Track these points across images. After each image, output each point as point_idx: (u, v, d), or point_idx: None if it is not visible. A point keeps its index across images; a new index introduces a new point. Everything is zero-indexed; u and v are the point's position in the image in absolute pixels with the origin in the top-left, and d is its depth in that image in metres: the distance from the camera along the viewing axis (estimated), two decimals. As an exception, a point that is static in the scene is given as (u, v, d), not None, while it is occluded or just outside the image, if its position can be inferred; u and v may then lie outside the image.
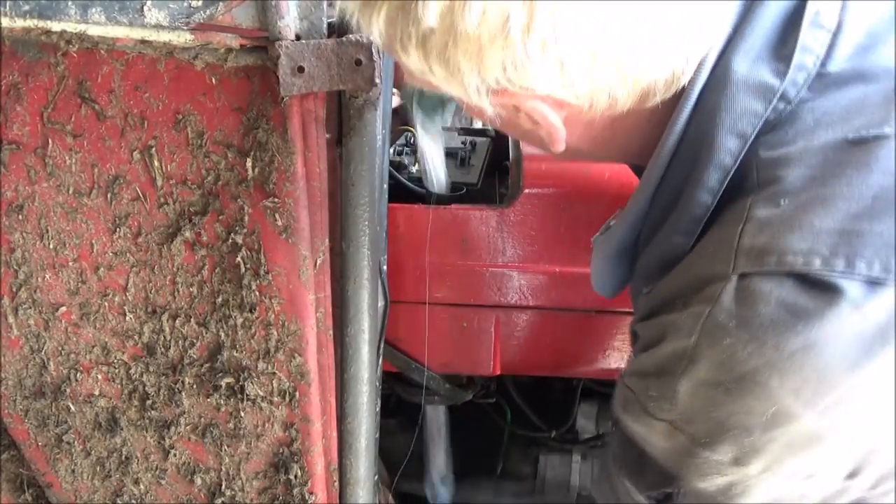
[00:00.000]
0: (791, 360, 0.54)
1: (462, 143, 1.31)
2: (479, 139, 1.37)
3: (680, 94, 0.62)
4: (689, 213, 0.63)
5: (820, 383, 0.53)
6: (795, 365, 0.54)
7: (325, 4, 0.76)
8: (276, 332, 0.89)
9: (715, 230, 0.62)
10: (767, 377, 0.54)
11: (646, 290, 0.72)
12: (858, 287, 0.52)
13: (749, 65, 0.59)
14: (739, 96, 0.59)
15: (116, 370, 0.96)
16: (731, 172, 0.61)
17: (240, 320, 0.89)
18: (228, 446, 0.98)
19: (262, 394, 0.93)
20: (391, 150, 1.30)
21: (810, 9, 0.59)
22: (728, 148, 0.60)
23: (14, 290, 0.93)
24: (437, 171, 1.16)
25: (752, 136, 0.60)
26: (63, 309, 0.93)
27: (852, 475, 0.57)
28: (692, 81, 0.61)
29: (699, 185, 0.62)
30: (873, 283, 0.52)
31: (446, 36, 0.55)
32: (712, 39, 0.60)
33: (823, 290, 0.53)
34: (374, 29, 0.58)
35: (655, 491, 0.68)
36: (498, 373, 1.18)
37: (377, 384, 1.03)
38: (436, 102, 1.13)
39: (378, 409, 1.04)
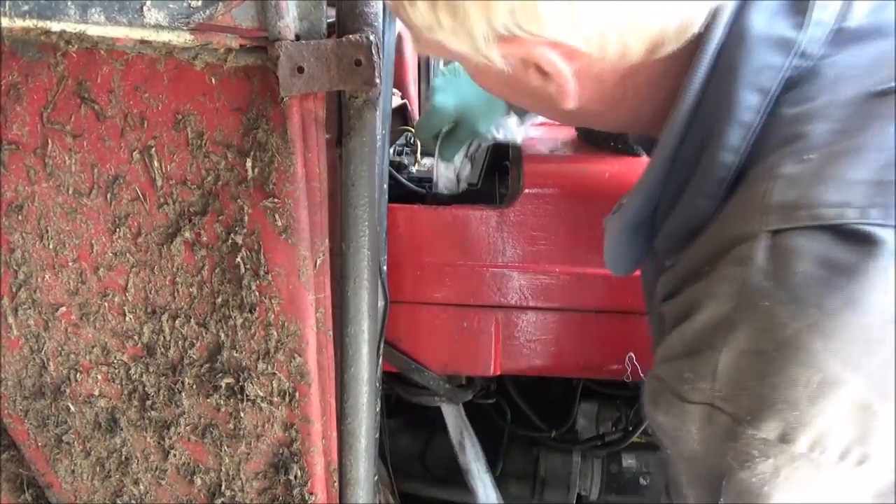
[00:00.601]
0: (833, 318, 0.51)
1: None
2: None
3: (693, 52, 0.60)
4: (712, 175, 0.61)
5: (866, 343, 0.51)
6: (839, 324, 0.51)
7: (324, 4, 0.76)
8: (275, 333, 0.89)
9: (740, 191, 0.60)
10: (810, 340, 0.51)
11: (669, 262, 0.69)
12: None
13: (766, 20, 0.58)
14: (758, 51, 0.58)
15: (116, 370, 0.96)
16: (754, 130, 0.59)
17: (240, 321, 0.89)
18: (228, 447, 0.98)
19: (261, 394, 0.93)
20: (391, 150, 1.30)
21: None
22: (749, 104, 0.59)
23: (14, 290, 0.93)
24: (449, 184, 1.19)
25: (773, 92, 0.59)
26: (63, 309, 0.93)
27: None
28: (708, 38, 0.60)
29: (720, 145, 0.60)
30: None
31: None
32: None
33: (861, 241, 0.50)
34: None
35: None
36: (498, 373, 1.18)
37: (377, 384, 1.03)
38: (455, 148, 1.19)
39: (378, 410, 1.04)
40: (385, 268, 1.04)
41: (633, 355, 1.14)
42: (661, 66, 0.61)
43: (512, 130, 1.20)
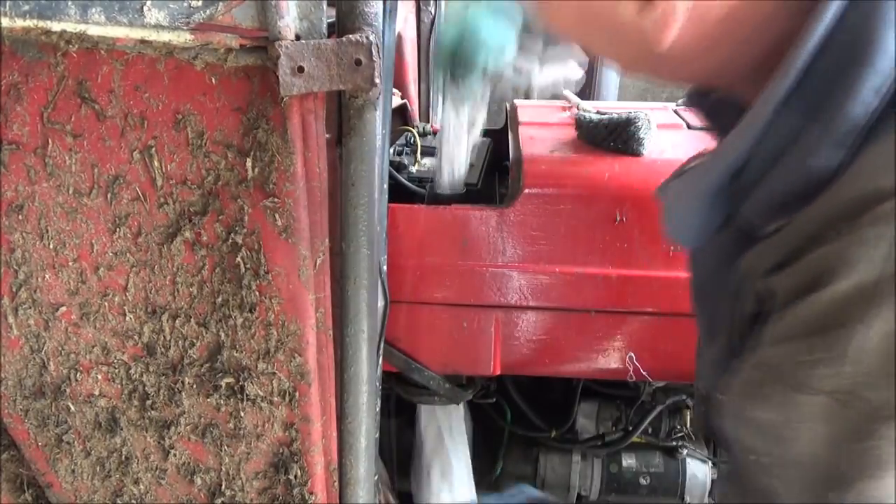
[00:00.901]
0: None
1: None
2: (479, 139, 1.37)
3: None
4: (838, 127, 0.54)
5: None
6: None
7: (324, 4, 0.76)
8: (276, 333, 0.89)
9: (874, 144, 0.52)
10: None
11: (773, 226, 0.60)
12: None
13: None
14: None
15: (116, 370, 0.96)
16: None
17: (240, 320, 0.89)
18: (228, 446, 0.98)
19: (262, 394, 0.93)
20: (391, 150, 1.30)
21: None
22: (891, 49, 0.51)
23: (14, 290, 0.93)
24: (456, 168, 1.13)
25: None
26: (63, 309, 0.93)
27: None
28: None
29: (851, 95, 0.52)
30: None
31: None
32: None
33: None
34: None
35: None
36: (498, 373, 1.18)
37: (377, 384, 1.03)
38: (471, 63, 1.03)
39: (378, 409, 1.04)
40: (385, 268, 1.04)
41: (633, 355, 1.14)
42: (775, 4, 0.55)
43: (530, 72, 1.09)
